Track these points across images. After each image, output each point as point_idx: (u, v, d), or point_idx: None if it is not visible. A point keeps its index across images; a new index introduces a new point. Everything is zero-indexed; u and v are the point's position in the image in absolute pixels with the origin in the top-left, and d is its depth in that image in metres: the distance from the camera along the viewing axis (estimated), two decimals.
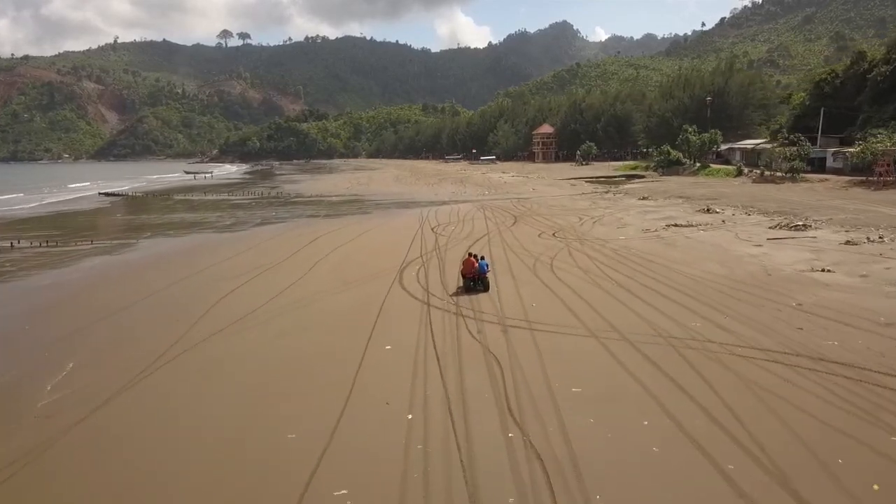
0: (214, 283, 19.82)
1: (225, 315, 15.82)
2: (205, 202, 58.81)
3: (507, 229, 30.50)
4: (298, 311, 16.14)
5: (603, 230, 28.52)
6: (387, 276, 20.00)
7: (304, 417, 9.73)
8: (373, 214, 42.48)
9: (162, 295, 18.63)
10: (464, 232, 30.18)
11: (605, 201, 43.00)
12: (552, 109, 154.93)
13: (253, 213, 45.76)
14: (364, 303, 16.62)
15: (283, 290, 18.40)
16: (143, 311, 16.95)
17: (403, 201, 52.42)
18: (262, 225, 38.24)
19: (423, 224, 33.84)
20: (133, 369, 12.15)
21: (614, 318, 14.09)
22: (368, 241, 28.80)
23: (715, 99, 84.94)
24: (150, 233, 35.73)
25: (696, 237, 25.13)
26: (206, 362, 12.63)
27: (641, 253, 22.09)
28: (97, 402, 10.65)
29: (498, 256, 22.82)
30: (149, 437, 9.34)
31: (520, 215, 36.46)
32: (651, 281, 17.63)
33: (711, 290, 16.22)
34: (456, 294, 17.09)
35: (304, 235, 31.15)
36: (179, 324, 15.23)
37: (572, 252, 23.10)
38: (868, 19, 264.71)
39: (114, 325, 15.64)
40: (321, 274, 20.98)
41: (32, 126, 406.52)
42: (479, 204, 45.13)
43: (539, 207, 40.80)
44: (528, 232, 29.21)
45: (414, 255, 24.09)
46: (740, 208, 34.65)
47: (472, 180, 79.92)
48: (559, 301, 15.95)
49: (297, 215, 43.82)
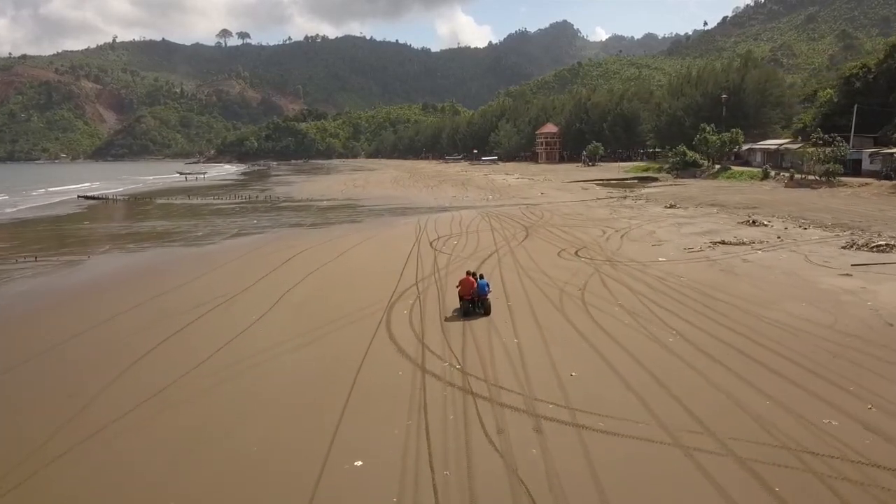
0: (144, 329, 15.19)
1: (130, 390, 11.16)
2: (185, 207, 54.18)
3: (519, 244, 25.88)
4: (235, 382, 11.46)
5: (635, 248, 23.84)
6: (370, 317, 15.39)
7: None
8: (364, 224, 37.81)
9: (67, 348, 13.98)
10: (468, 247, 25.58)
11: (627, 209, 38.23)
12: (556, 108, 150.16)
13: (232, 222, 41.12)
14: (332, 368, 12.00)
15: (227, 341, 13.77)
16: (31, 376, 12.33)
17: (400, 207, 47.78)
18: (238, 236, 33.61)
19: (421, 237, 29.23)
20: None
21: (698, 405, 9.47)
22: (354, 260, 24.17)
23: (730, 97, 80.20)
24: (109, 246, 31.10)
25: (756, 260, 20.39)
26: (76, 483, 8.01)
27: (695, 284, 17.42)
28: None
29: (512, 285, 18.21)
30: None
31: (531, 226, 31.84)
32: (727, 332, 12.99)
33: (823, 353, 11.56)
34: (453, 319, 12.85)
35: (279, 252, 26.52)
36: (68, 404, 10.64)
37: (605, 279, 18.47)
38: (872, 18, 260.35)
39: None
40: (285, 313, 16.36)
41: (30, 126, 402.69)
42: (484, 211, 40.50)
43: (552, 216, 36.15)
44: (544, 249, 24.58)
45: (408, 281, 19.49)
46: (789, 219, 29.89)
47: (474, 183, 75.26)
48: (607, 367, 11.33)
49: (281, 224, 39.17)
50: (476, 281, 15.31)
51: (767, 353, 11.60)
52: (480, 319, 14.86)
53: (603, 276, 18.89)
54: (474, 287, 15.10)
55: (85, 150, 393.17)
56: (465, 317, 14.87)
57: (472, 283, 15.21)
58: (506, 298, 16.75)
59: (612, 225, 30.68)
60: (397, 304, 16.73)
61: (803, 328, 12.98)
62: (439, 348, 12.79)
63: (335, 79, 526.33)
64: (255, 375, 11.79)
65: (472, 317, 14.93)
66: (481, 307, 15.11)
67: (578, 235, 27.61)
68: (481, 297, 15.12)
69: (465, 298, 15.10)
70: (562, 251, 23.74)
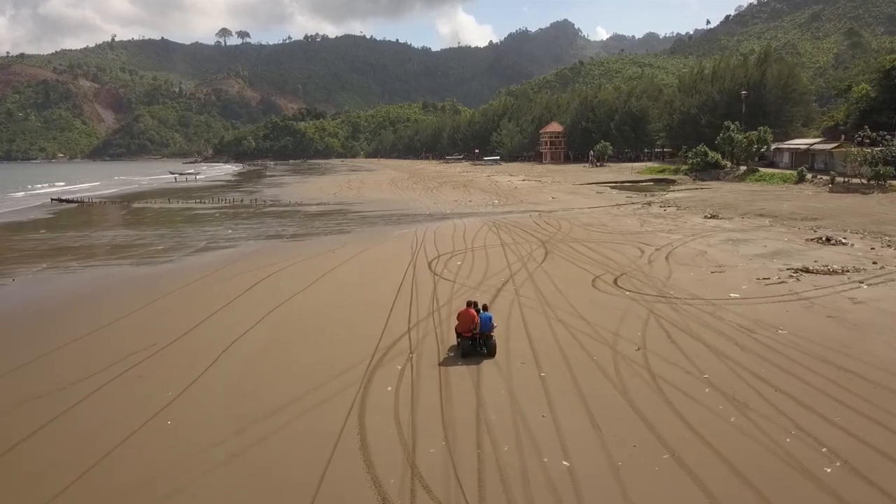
0: (11, 409, 10.22)
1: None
2: (161, 213, 49.20)
3: (539, 267, 20.86)
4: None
5: (690, 276, 18.74)
6: (339, 397, 10.43)
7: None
8: (353, 235, 32.76)
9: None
10: (475, 271, 20.58)
11: (658, 219, 32.95)
12: (560, 106, 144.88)
13: (203, 231, 36.13)
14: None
15: (105, 453, 8.77)
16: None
17: (396, 214, 42.74)
18: (204, 251, 28.61)
19: (418, 255, 24.25)
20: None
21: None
22: (333, 288, 19.16)
23: (750, 93, 75.06)
24: (46, 265, 26.11)
25: (869, 300, 14.88)
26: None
27: (804, 341, 12.27)
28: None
29: (541, 335, 13.23)
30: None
31: (549, 240, 26.80)
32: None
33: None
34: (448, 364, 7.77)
35: (245, 274, 21.55)
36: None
37: (667, 328, 13.46)
38: (877, 16, 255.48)
39: None
40: (220, 385, 11.36)
41: (27, 125, 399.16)
42: (490, 219, 35.49)
43: (571, 227, 31.09)
44: (572, 274, 19.55)
45: (398, 326, 14.53)
46: (868, 235, 24.63)
47: (476, 184, 70.19)
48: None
49: (258, 234, 34.18)
50: (478, 314, 12.35)
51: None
52: (502, 399, 9.98)
53: (662, 323, 13.88)
54: (476, 322, 12.22)
55: (82, 150, 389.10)
56: (464, 359, 12.15)
57: (473, 316, 12.27)
58: (535, 361, 11.79)
59: (649, 241, 25.53)
60: (380, 369, 11.77)
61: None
62: (439, 474, 7.80)
63: (335, 78, 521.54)
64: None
65: (474, 360, 12.03)
66: (484, 346, 12.31)
67: (610, 255, 22.55)
68: (484, 335, 12.27)
69: (465, 336, 12.26)
70: (597, 278, 18.70)
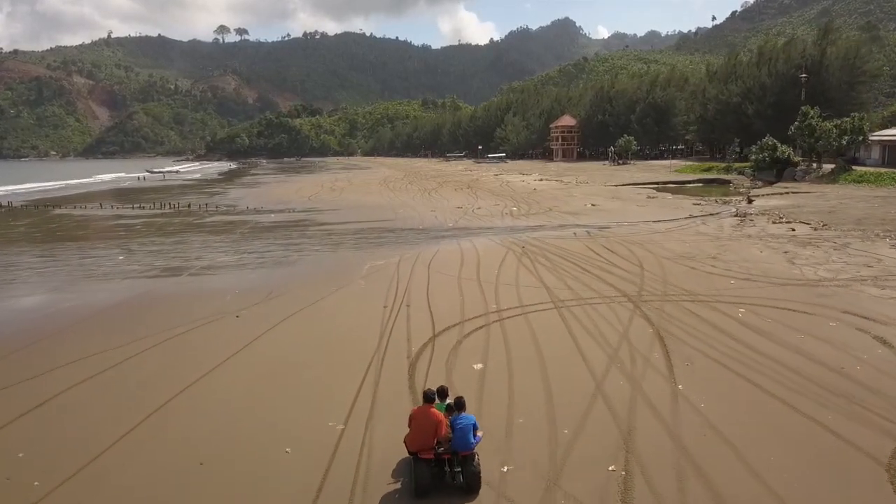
0: None
1: None
2: (67, 222, 37.21)
3: (667, 388, 9.04)
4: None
5: None
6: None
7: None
8: (296, 267, 20.66)
9: None
10: (519, 396, 8.74)
11: (801, 247, 20.83)
12: (571, 99, 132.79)
13: (82, 260, 24.21)
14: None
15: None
16: None
17: (377, 227, 30.66)
18: (54, 292, 16.69)
19: (392, 326, 12.42)
20: None
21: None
22: (178, 441, 7.31)
23: (810, 76, 63.05)
24: None
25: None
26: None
27: None
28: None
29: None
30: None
31: (639, 293, 14.91)
32: None
33: None
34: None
35: (73, 358, 9.74)
36: None
37: None
38: (888, 12, 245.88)
39: None
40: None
41: (19, 122, 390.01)
42: (514, 238, 23.66)
43: (658, 260, 19.00)
44: (739, 400, 7.73)
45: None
46: None
47: (484, 185, 58.18)
48: None
49: (162, 262, 22.05)
50: (447, 413, 6.66)
51: None
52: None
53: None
54: (442, 427, 6.45)
55: (76, 148, 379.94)
56: (419, 500, 6.05)
57: (437, 421, 6.45)
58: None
59: (826, 300, 13.58)
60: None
61: None
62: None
63: (334, 76, 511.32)
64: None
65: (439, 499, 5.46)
66: (460, 473, 6.30)
67: (817, 352, 10.67)
68: (460, 454, 6.33)
69: (423, 457, 6.32)
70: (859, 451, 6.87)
